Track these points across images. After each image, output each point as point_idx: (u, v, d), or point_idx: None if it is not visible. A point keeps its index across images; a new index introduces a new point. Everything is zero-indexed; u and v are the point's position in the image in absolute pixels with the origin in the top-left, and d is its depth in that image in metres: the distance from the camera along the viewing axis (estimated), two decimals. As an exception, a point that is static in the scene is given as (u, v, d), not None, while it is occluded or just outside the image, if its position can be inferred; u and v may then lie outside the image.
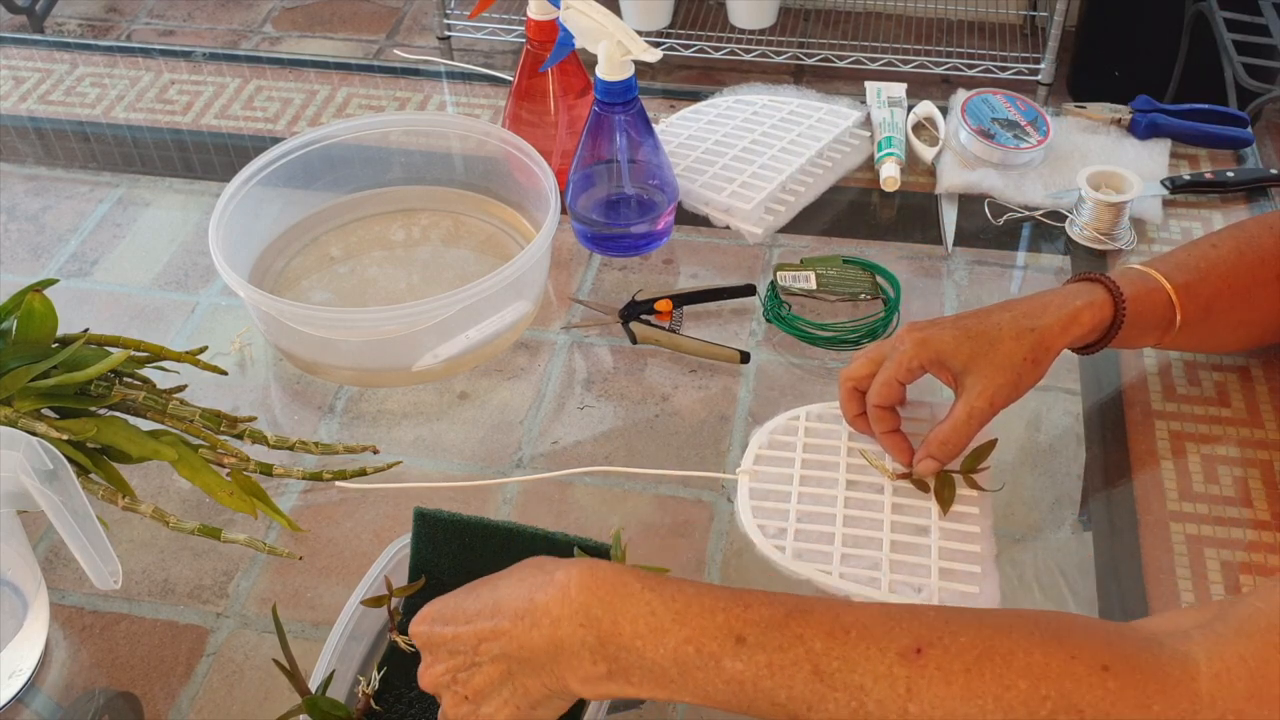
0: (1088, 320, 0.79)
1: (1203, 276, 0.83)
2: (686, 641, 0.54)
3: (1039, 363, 0.78)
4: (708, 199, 1.06)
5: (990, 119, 1.12)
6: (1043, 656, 0.52)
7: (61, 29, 3.03)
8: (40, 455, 0.69)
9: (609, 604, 0.55)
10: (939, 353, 0.77)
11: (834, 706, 0.53)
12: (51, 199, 1.14)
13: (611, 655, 0.55)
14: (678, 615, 0.54)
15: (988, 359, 0.76)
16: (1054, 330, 0.78)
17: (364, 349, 0.93)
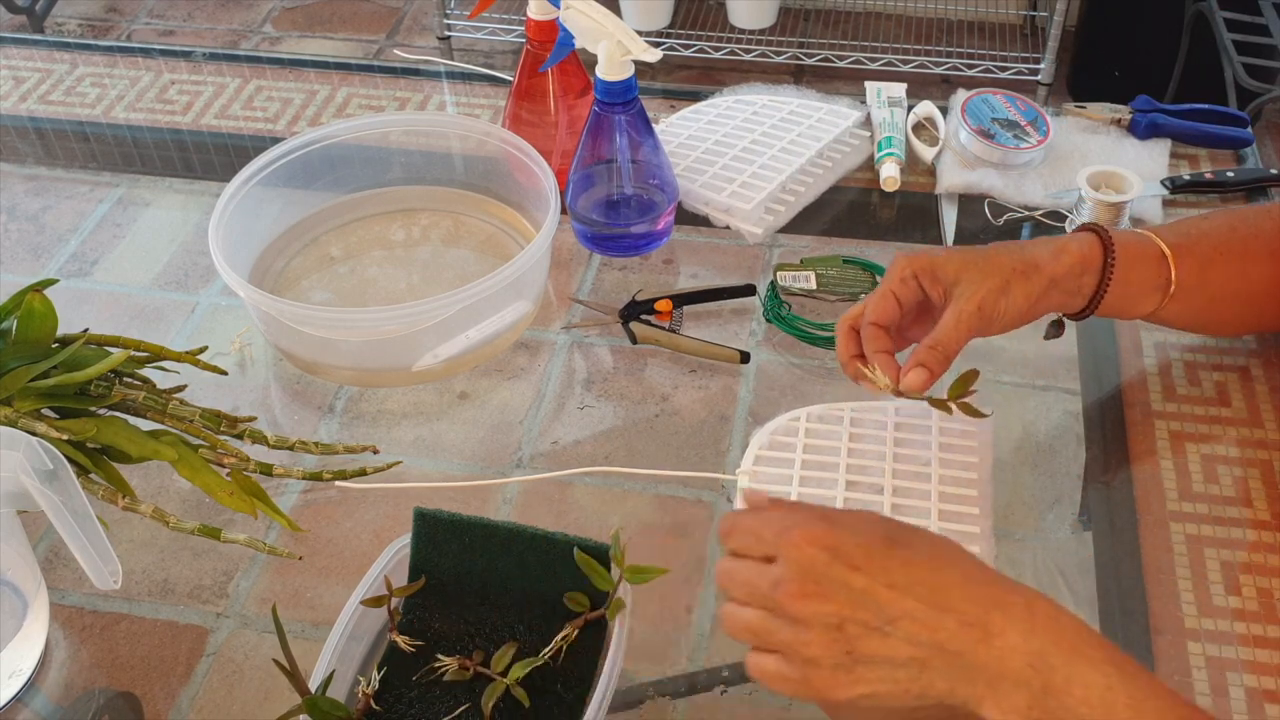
0: (1075, 250, 0.79)
1: (1195, 241, 0.83)
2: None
3: (1028, 276, 0.77)
4: (708, 199, 1.06)
5: (990, 119, 1.12)
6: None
7: (61, 29, 3.04)
8: (40, 455, 0.69)
9: (1069, 659, 0.52)
10: (931, 262, 0.77)
11: None
12: (51, 199, 1.14)
13: (1049, 709, 0.52)
14: (1133, 704, 0.52)
15: (977, 267, 0.76)
16: (1043, 254, 0.78)
17: (364, 349, 0.93)
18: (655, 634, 0.77)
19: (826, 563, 0.55)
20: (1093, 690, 0.52)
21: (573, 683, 0.71)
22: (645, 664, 0.76)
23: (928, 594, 0.55)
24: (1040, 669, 0.53)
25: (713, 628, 0.78)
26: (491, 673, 0.69)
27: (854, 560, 0.55)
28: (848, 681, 0.55)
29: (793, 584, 0.55)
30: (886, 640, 0.55)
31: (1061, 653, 0.53)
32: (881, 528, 0.57)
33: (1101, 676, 0.52)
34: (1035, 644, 0.53)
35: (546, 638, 0.71)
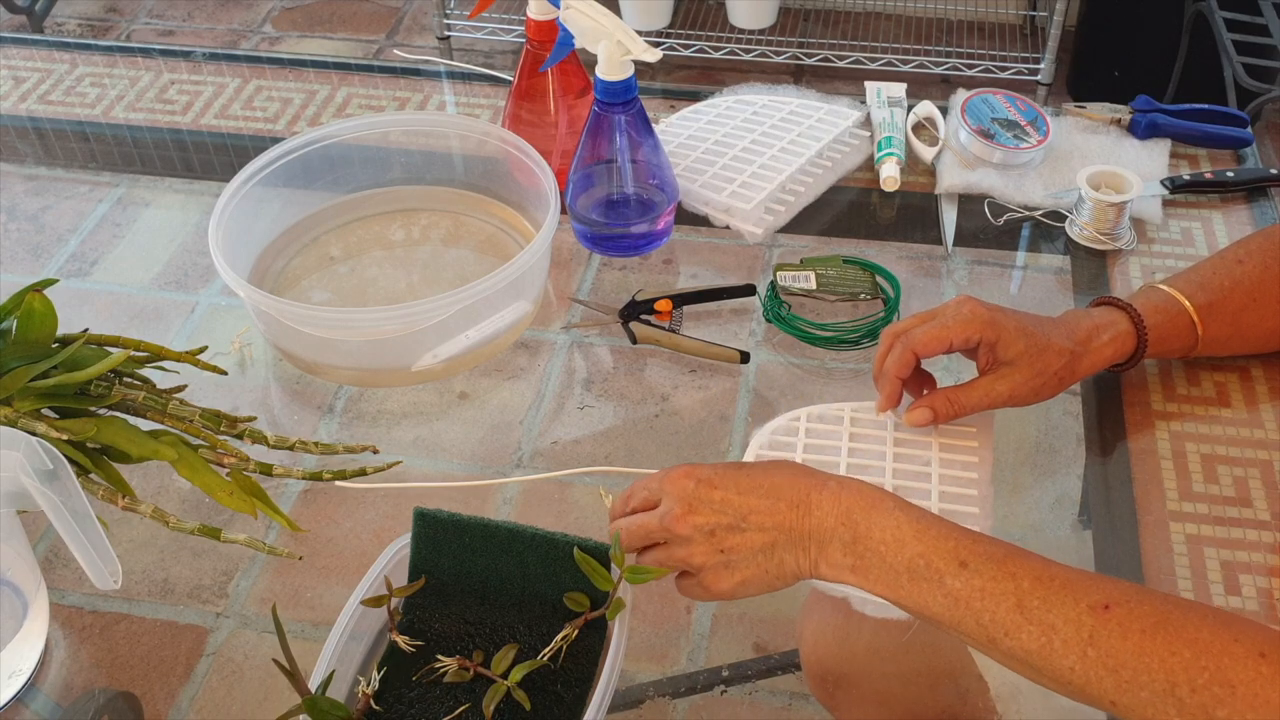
0: (1111, 354, 0.85)
1: (1227, 294, 0.86)
2: (920, 556, 0.64)
3: (1063, 382, 0.82)
4: (708, 199, 1.06)
5: (990, 119, 1.12)
6: (1209, 634, 0.58)
7: (61, 29, 3.03)
8: (40, 455, 0.69)
9: (867, 511, 0.66)
10: (1000, 337, 0.80)
11: (1026, 637, 0.61)
12: (51, 199, 1.14)
13: (859, 553, 0.66)
14: (918, 533, 0.65)
15: (1030, 361, 0.80)
16: (1084, 359, 0.83)
17: (364, 349, 0.93)
18: (655, 634, 0.77)
19: (694, 487, 0.69)
20: (887, 530, 0.66)
21: (573, 683, 0.71)
22: (645, 664, 0.76)
23: (766, 491, 0.69)
24: (848, 523, 0.67)
25: (713, 627, 0.78)
26: (492, 674, 0.69)
27: (713, 481, 0.69)
28: (726, 574, 0.69)
29: (676, 509, 0.69)
30: (745, 535, 0.68)
31: (862, 508, 0.67)
32: (720, 465, 0.71)
33: (891, 519, 0.66)
34: (842, 506, 0.67)
35: (546, 638, 0.71)
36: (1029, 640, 0.61)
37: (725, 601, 0.79)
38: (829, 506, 0.67)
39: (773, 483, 0.69)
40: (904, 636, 0.73)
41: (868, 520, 0.66)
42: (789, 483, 0.69)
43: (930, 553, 0.64)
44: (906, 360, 0.81)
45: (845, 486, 0.68)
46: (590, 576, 0.70)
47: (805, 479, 0.69)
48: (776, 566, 0.68)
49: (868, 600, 0.73)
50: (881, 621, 0.73)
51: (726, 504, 0.69)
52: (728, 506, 0.69)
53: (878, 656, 0.80)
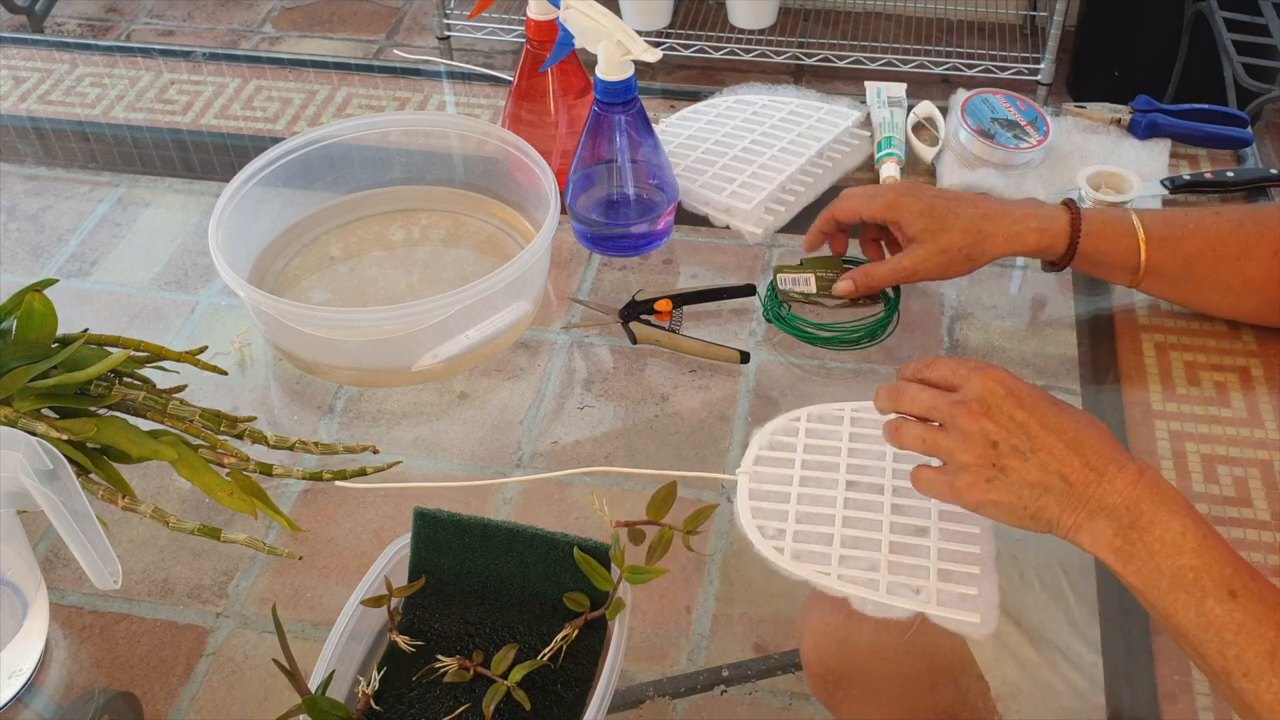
0: (1033, 242, 0.89)
1: (1187, 234, 0.89)
2: (1192, 569, 0.63)
3: (972, 259, 0.90)
4: (708, 199, 1.06)
5: (990, 119, 1.12)
6: None
7: (61, 29, 3.04)
8: (40, 455, 0.69)
9: (1156, 507, 0.65)
10: (900, 218, 0.91)
11: (1265, 687, 0.60)
12: (51, 199, 1.14)
13: (1131, 540, 0.65)
14: (1199, 547, 0.64)
15: (933, 238, 0.89)
16: (997, 239, 0.89)
17: (364, 349, 0.93)
18: (655, 634, 0.77)
19: (1003, 396, 0.69)
20: (1170, 532, 0.64)
21: (573, 683, 0.71)
22: (645, 664, 0.76)
23: (1069, 439, 0.68)
24: (1132, 510, 0.65)
25: (713, 628, 0.78)
26: (492, 674, 0.69)
27: (1023, 401, 0.69)
28: (985, 488, 0.69)
29: (974, 404, 0.69)
30: (1025, 463, 0.68)
31: (1153, 503, 0.65)
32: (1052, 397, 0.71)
33: (1179, 523, 0.64)
34: (1135, 493, 0.66)
35: (546, 638, 0.71)
36: (1267, 691, 0.60)
37: (725, 602, 0.79)
38: (1122, 485, 0.66)
39: (1079, 435, 0.68)
40: (904, 636, 0.73)
41: (1154, 514, 0.65)
42: (1094, 444, 0.68)
43: (1203, 569, 0.63)
44: (826, 217, 0.96)
45: (1145, 475, 0.67)
46: (590, 576, 0.70)
47: (1111, 448, 0.68)
48: (1037, 509, 0.68)
49: (867, 600, 0.73)
50: (882, 621, 0.73)
51: (1025, 427, 0.68)
52: (1025, 430, 0.68)
53: (878, 656, 0.80)
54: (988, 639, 0.75)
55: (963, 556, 0.75)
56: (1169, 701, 0.71)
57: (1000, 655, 0.78)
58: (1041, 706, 0.75)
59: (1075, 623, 0.79)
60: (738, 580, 0.80)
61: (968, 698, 0.78)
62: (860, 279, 0.93)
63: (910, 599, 0.73)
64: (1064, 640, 0.78)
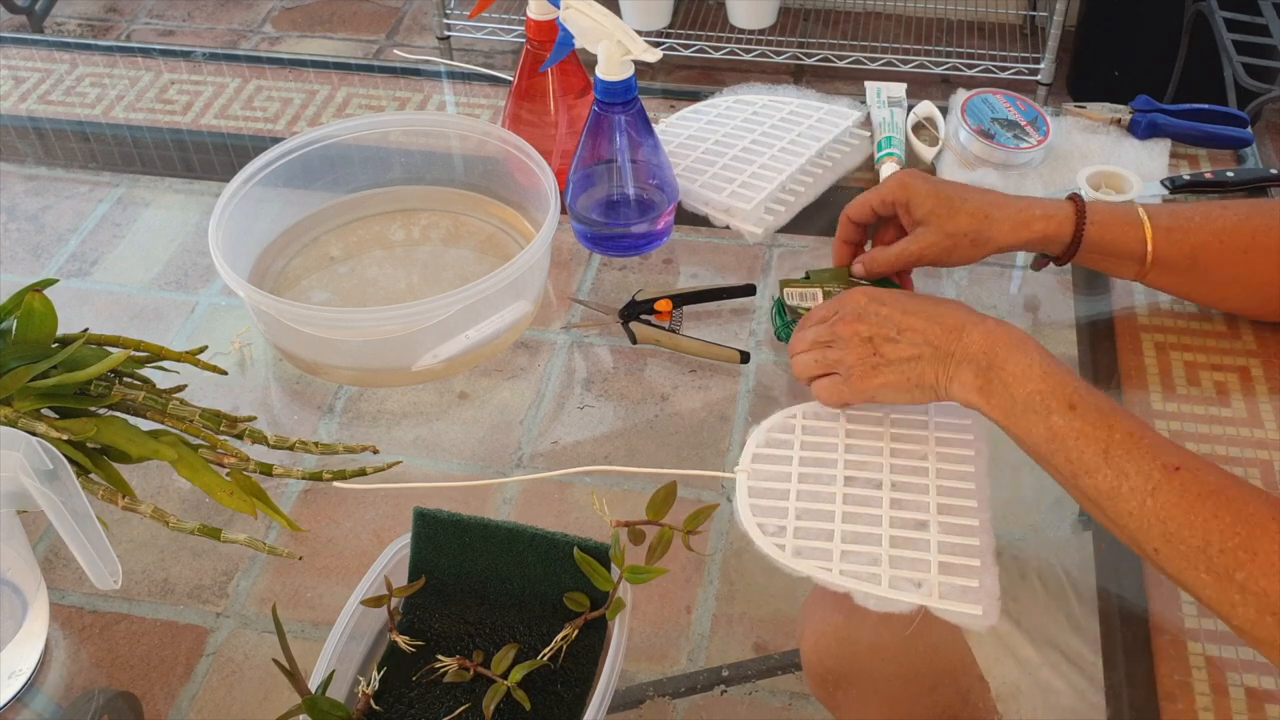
0: (1039, 229, 0.90)
1: (1193, 226, 0.89)
2: (1038, 393, 0.73)
3: (978, 245, 0.90)
4: (708, 199, 1.06)
5: (990, 119, 1.12)
6: (1253, 509, 0.65)
7: (61, 29, 3.04)
8: (40, 455, 0.69)
9: (1009, 349, 0.75)
10: (910, 199, 0.91)
11: (1101, 479, 0.69)
12: (51, 199, 1.14)
13: (989, 378, 0.75)
14: (1045, 373, 0.73)
15: (939, 222, 0.89)
16: (1003, 225, 0.90)
17: (364, 349, 0.93)
18: (655, 634, 0.77)
19: (865, 303, 0.81)
20: (1019, 366, 0.74)
21: (573, 683, 0.71)
22: (645, 664, 0.76)
23: (928, 315, 0.78)
24: (988, 354, 0.75)
25: (713, 628, 0.78)
26: (492, 674, 0.69)
27: (883, 300, 0.81)
28: (871, 375, 0.79)
29: (846, 316, 0.81)
30: (898, 345, 0.78)
31: (1006, 346, 0.75)
32: (907, 292, 0.84)
33: (1026, 358, 0.74)
34: (990, 339, 0.76)
35: (546, 638, 0.71)
36: (1103, 482, 0.69)
37: (726, 602, 0.79)
38: (978, 336, 0.76)
39: (936, 310, 0.78)
40: (905, 632, 0.73)
41: (1007, 354, 0.74)
42: (950, 311, 0.78)
43: (1048, 391, 0.72)
44: (843, 223, 0.95)
45: (1000, 326, 0.76)
46: (590, 576, 0.70)
47: (966, 313, 0.78)
48: (917, 376, 0.77)
49: (870, 595, 0.73)
50: (883, 618, 0.73)
51: (889, 319, 0.79)
52: (889, 321, 0.79)
53: (879, 656, 0.80)
54: (988, 639, 0.75)
55: (963, 549, 0.75)
56: (1169, 701, 0.72)
57: (1000, 655, 0.78)
58: (1041, 706, 0.75)
59: (1075, 622, 0.79)
60: (738, 580, 0.80)
61: (968, 698, 0.78)
62: (867, 263, 0.94)
63: (912, 593, 0.73)
64: (1064, 640, 0.78)
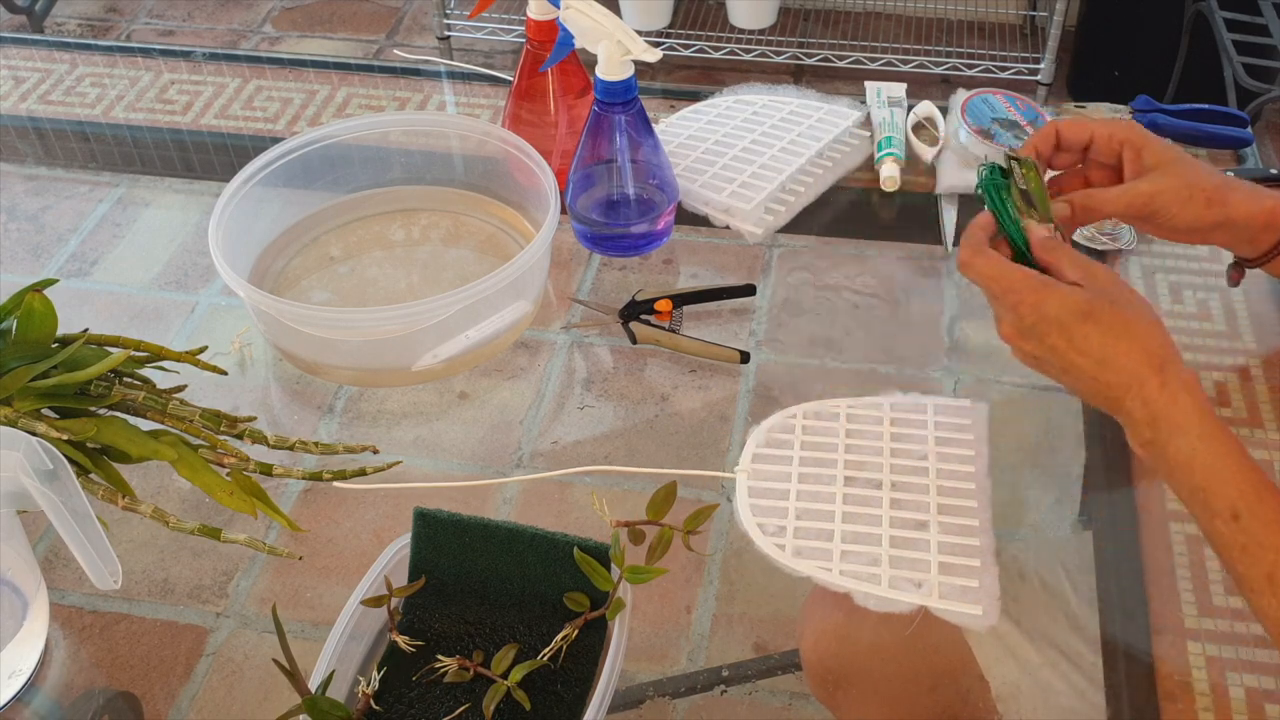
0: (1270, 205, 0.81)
1: None
2: (1200, 489, 0.67)
3: (1212, 205, 0.80)
4: (708, 199, 1.06)
5: (990, 119, 1.12)
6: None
7: (61, 29, 3.03)
8: (40, 455, 0.69)
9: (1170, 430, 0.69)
10: (1147, 142, 0.80)
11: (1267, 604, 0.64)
12: (51, 199, 1.14)
13: (1151, 452, 0.70)
14: (1206, 468, 0.67)
15: (1180, 171, 0.80)
16: (1242, 190, 0.81)
17: (364, 349, 0.93)
18: (655, 634, 0.77)
19: (1035, 322, 0.72)
20: (1180, 454, 0.68)
21: (573, 683, 0.71)
22: (645, 664, 0.76)
23: (1099, 360, 0.71)
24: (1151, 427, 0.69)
25: (713, 628, 0.78)
26: (492, 674, 0.69)
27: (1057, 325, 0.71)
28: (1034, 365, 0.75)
29: (1016, 327, 0.73)
30: (1063, 375, 0.73)
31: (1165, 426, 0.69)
32: (1085, 303, 0.71)
33: (1188, 445, 0.68)
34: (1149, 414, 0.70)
35: (546, 638, 0.71)
36: (1270, 608, 0.64)
37: (726, 602, 0.79)
38: (1138, 406, 0.70)
39: (1110, 354, 0.70)
40: (905, 632, 0.73)
41: (1168, 436, 0.69)
42: (1125, 359, 0.70)
43: (1210, 490, 0.67)
44: (1047, 133, 0.82)
45: (1165, 394, 0.69)
46: (590, 576, 0.70)
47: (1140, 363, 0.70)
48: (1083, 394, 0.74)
49: (870, 595, 0.73)
50: (883, 618, 0.73)
51: (1056, 351, 0.72)
52: (1057, 354, 0.72)
53: (879, 656, 0.80)
54: (988, 638, 0.75)
55: (963, 549, 0.75)
56: (1169, 701, 0.72)
57: (1000, 655, 0.78)
58: (1042, 706, 0.75)
59: (1075, 622, 0.79)
60: (738, 580, 0.80)
61: (968, 697, 0.78)
62: (1082, 202, 0.80)
63: (912, 593, 0.73)
64: (1064, 640, 0.78)
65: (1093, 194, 0.80)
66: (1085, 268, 0.73)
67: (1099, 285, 0.72)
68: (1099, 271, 0.73)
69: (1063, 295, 0.71)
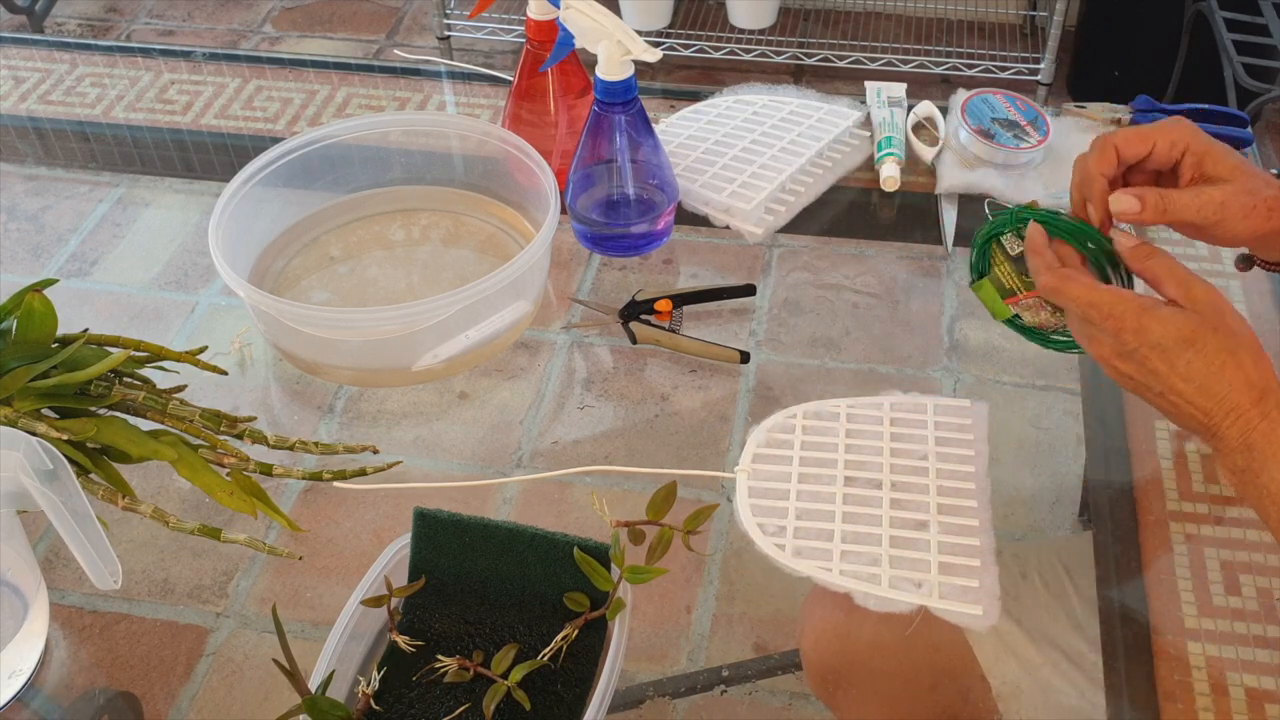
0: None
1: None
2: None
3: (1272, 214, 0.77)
4: (708, 199, 1.06)
5: (990, 119, 1.12)
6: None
7: (61, 29, 3.03)
8: (40, 455, 0.69)
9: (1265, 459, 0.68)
10: (1209, 150, 0.76)
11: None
12: (51, 199, 1.14)
13: (1244, 480, 0.70)
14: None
15: (1244, 178, 0.76)
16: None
17: (364, 349, 0.93)
18: (655, 634, 0.77)
19: (1136, 346, 0.70)
20: (1275, 483, 0.68)
21: (573, 683, 0.71)
22: (645, 664, 0.76)
23: (1200, 385, 0.70)
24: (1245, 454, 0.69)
25: (713, 628, 0.78)
26: (492, 674, 0.69)
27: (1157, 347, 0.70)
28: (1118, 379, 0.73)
29: (1115, 348, 0.71)
30: (1160, 398, 0.71)
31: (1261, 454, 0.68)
32: (1189, 329, 0.70)
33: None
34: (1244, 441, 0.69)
35: (546, 638, 0.71)
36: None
37: (726, 602, 0.79)
38: (1235, 433, 0.69)
39: (1213, 379, 0.69)
40: (907, 630, 0.73)
41: (1262, 464, 0.68)
42: (1226, 383, 0.69)
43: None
44: (1108, 156, 0.76)
45: (1266, 421, 0.69)
46: (590, 576, 0.70)
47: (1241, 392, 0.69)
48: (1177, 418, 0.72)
49: (870, 595, 0.73)
50: (882, 621, 0.73)
51: (1156, 375, 0.70)
52: (1156, 377, 0.70)
53: (879, 655, 0.80)
54: (988, 638, 0.75)
55: (963, 549, 0.75)
56: (1169, 701, 0.72)
57: (1001, 655, 0.78)
58: (1042, 706, 0.75)
59: (1076, 622, 0.79)
60: (738, 580, 0.80)
61: (968, 697, 0.78)
62: (1153, 201, 0.75)
63: (912, 593, 0.73)
64: (1064, 640, 0.78)
65: (1168, 195, 0.76)
66: (1184, 283, 0.71)
67: (1201, 307, 0.70)
68: (1198, 289, 0.71)
69: (1166, 319, 0.70)
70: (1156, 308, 0.70)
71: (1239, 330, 0.70)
